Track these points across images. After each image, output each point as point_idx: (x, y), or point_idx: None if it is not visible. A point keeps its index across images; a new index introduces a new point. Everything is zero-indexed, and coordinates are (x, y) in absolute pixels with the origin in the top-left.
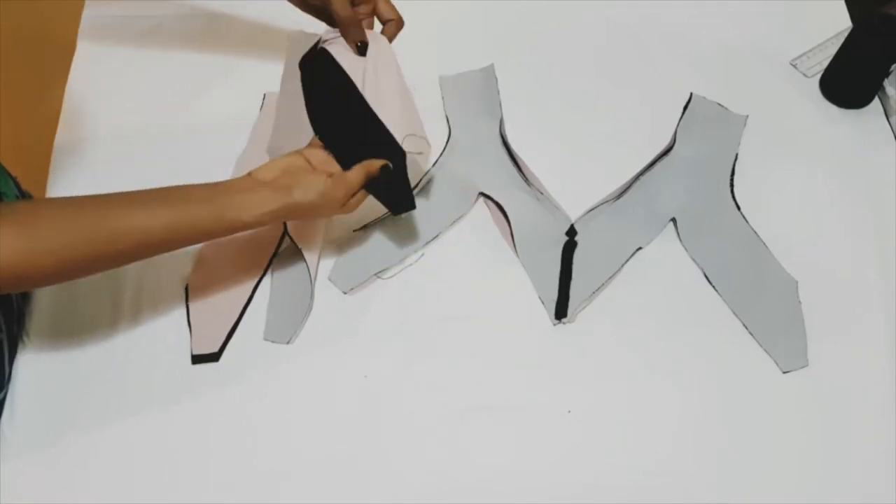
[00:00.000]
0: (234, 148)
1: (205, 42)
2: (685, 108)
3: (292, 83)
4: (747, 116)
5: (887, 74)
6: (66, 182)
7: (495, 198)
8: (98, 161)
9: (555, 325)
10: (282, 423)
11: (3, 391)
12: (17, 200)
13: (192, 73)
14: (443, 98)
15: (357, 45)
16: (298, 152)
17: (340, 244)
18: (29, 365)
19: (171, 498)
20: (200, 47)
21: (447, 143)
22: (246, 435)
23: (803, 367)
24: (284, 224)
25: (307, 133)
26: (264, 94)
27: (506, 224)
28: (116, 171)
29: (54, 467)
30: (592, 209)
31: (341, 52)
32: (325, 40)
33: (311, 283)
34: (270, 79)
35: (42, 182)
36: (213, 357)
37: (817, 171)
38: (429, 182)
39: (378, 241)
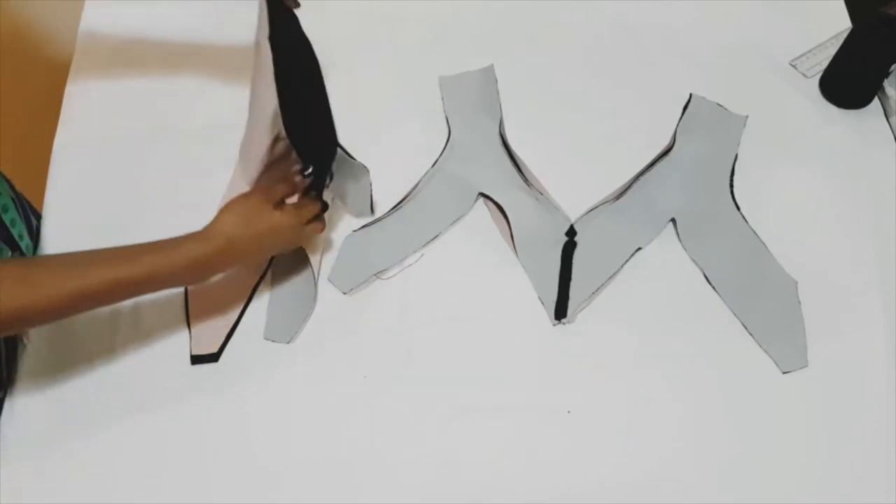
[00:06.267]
0: (234, 148)
1: (205, 42)
2: (685, 108)
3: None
4: (747, 116)
5: (887, 74)
6: (65, 182)
7: (495, 198)
8: (97, 161)
9: (554, 325)
10: (281, 423)
11: (3, 392)
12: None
13: (191, 73)
14: (443, 98)
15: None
16: (260, 190)
17: (340, 244)
18: (29, 365)
19: (171, 497)
20: (200, 47)
21: (447, 143)
22: (245, 435)
23: (803, 367)
24: None
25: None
26: None
27: (505, 224)
28: (116, 171)
29: (54, 467)
30: (592, 209)
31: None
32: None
33: (315, 282)
34: None
35: (41, 182)
36: (213, 357)
37: (817, 171)
38: (429, 182)
39: (378, 242)
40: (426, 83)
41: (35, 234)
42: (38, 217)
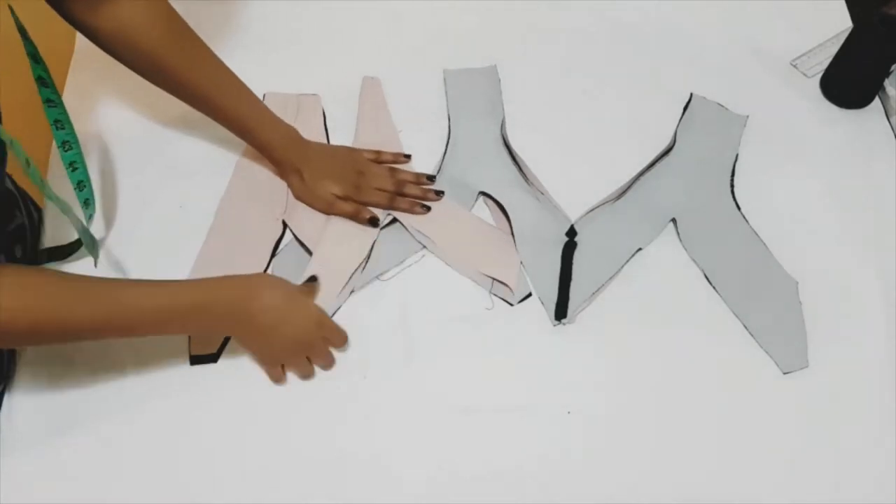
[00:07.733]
0: (234, 148)
1: (204, 41)
2: (685, 108)
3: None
4: (747, 116)
5: (887, 74)
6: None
7: (496, 197)
8: (97, 161)
9: (554, 325)
10: (281, 423)
11: (2, 385)
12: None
13: None
14: (446, 92)
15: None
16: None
17: None
18: (28, 364)
19: (171, 497)
20: None
21: (448, 142)
22: (244, 436)
23: (804, 367)
24: (284, 223)
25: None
26: (264, 94)
27: (506, 224)
28: (115, 170)
29: (54, 467)
30: (592, 209)
31: None
32: None
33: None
34: (270, 79)
35: None
36: (212, 358)
37: (817, 171)
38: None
39: (378, 243)
40: (426, 83)
41: (36, 229)
42: (39, 211)
